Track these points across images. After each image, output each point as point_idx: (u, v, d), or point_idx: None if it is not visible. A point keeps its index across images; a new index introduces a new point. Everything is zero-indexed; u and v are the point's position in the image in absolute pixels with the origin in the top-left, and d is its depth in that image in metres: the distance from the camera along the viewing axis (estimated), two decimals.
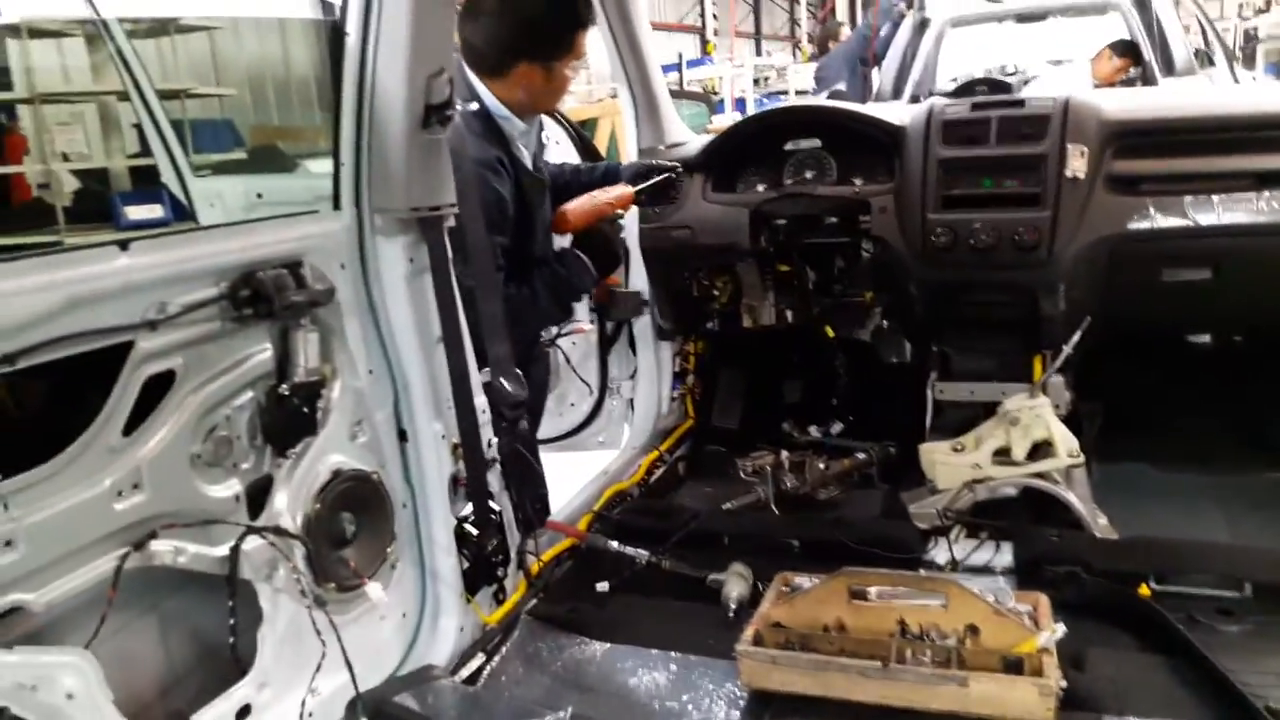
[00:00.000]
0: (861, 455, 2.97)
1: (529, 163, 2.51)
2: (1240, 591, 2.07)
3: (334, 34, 1.85)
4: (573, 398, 3.52)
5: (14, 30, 7.99)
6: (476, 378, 2.06)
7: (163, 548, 1.52)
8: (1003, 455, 2.50)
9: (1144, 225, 2.52)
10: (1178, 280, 2.59)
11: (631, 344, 3.33)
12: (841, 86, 7.46)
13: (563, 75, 2.45)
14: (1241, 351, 3.24)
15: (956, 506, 2.50)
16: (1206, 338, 3.31)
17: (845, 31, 8.63)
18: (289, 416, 1.73)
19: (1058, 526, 2.40)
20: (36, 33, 8.00)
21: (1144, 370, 3.17)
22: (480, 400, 2.07)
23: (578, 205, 2.68)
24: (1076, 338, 2.48)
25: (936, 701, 1.72)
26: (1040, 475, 2.48)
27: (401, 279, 1.92)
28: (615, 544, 2.44)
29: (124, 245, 1.46)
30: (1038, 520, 2.47)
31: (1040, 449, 2.48)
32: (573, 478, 2.91)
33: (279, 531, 1.68)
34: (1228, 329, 3.21)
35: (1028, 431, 2.47)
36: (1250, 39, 15.16)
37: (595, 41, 2.71)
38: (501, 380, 2.10)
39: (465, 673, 2.00)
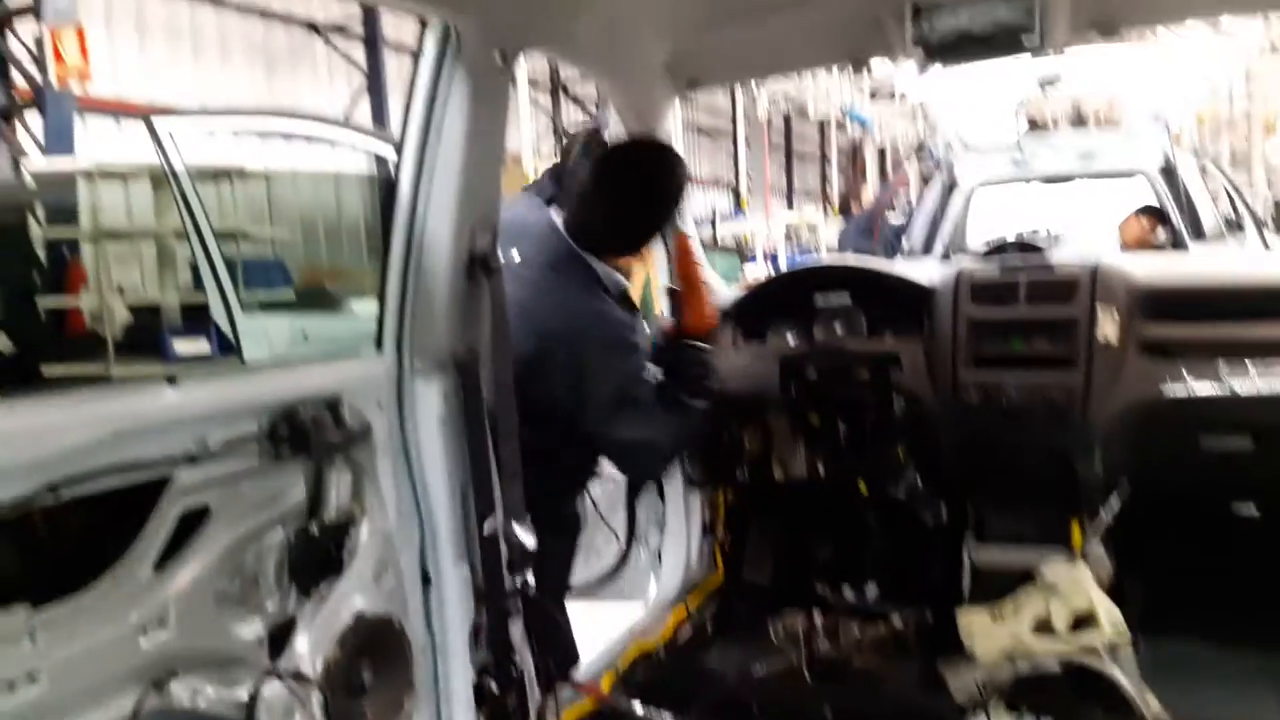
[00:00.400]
0: (897, 621, 2.88)
1: None
2: None
3: (386, 186, 1.94)
4: (598, 545, 3.48)
5: (87, 174, 8.46)
6: (501, 522, 2.05)
7: (182, 688, 1.49)
8: (1043, 625, 2.42)
9: (1179, 391, 2.49)
10: (1217, 447, 2.54)
11: (660, 492, 3.31)
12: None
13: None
14: None
15: (996, 680, 2.40)
16: (1254, 508, 3.22)
17: (867, 192, 8.94)
18: (317, 556, 1.72)
19: (1104, 706, 2.28)
20: (107, 174, 8.46)
21: (1190, 539, 3.07)
22: (504, 547, 2.04)
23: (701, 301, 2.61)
24: (1115, 504, 2.43)
25: None
26: (1084, 649, 2.38)
27: (436, 420, 1.94)
28: (639, 707, 2.35)
29: (172, 380, 1.50)
30: (1082, 698, 2.35)
31: (1082, 620, 2.39)
32: (596, 630, 2.84)
33: (299, 677, 1.64)
34: (1272, 499, 3.13)
35: (1068, 601, 2.39)
36: None
37: None
38: (514, 526, 2.07)
39: None
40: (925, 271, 2.95)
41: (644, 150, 2.49)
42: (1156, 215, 5.87)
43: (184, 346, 6.85)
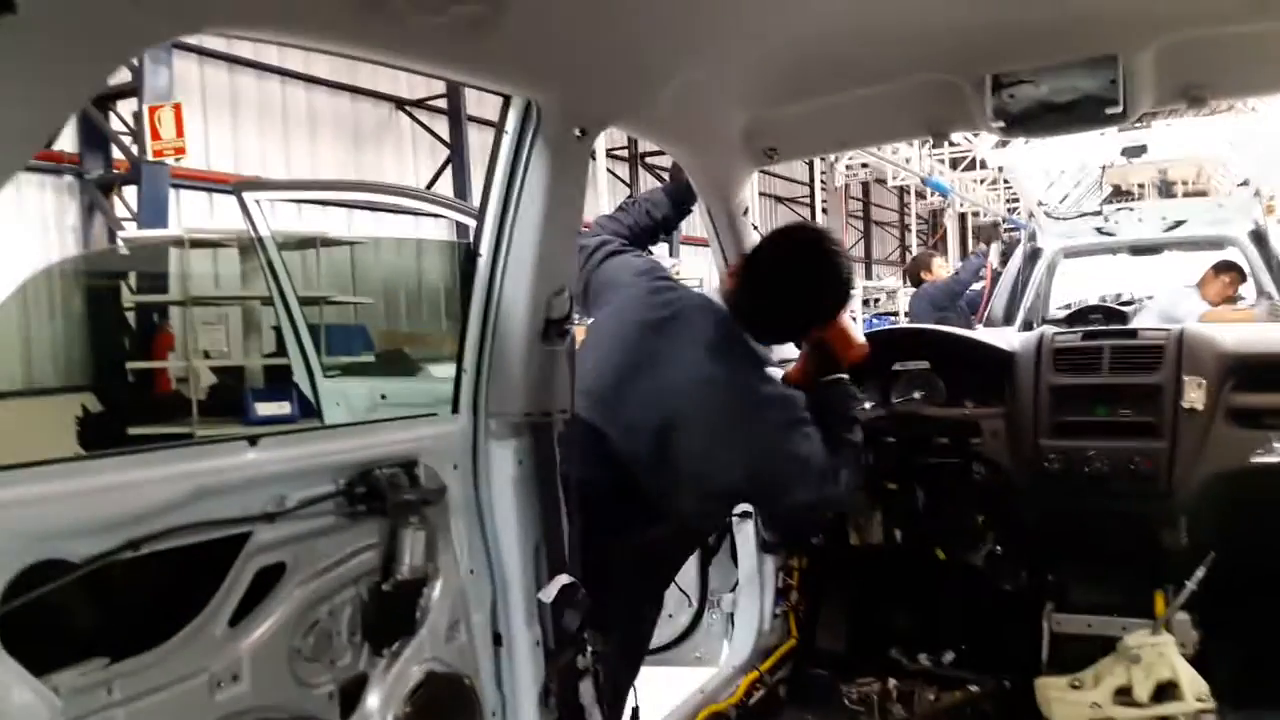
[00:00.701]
0: (974, 687, 2.80)
1: None
2: None
3: (466, 254, 2.00)
4: (671, 609, 3.45)
5: (178, 241, 8.87)
6: (573, 582, 2.05)
7: None
8: (1124, 695, 2.33)
9: (1269, 460, 2.42)
10: None
11: (733, 555, 3.28)
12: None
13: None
14: None
15: None
16: None
17: (937, 262, 8.52)
18: (390, 614, 1.74)
19: None
20: (197, 243, 8.85)
21: (1277, 610, 2.94)
22: (577, 609, 2.04)
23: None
24: (1200, 573, 2.35)
25: None
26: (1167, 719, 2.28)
27: (510, 481, 1.96)
28: None
29: (253, 440, 1.55)
30: None
31: (1166, 690, 2.30)
32: (668, 694, 2.81)
33: None
34: None
35: (1151, 670, 2.31)
36: None
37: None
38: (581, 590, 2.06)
39: None
40: (1006, 339, 2.91)
41: (814, 235, 2.41)
42: (1236, 271, 5.72)
43: (266, 408, 7.05)
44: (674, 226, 2.66)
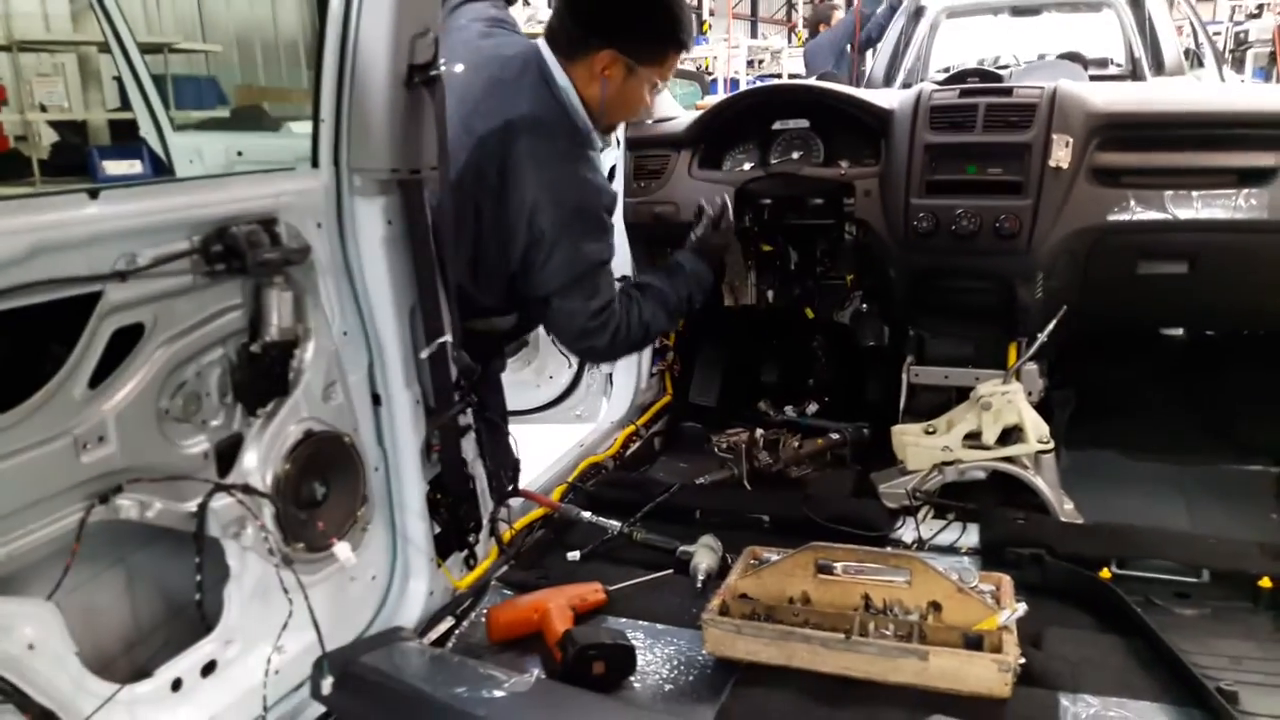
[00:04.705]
0: (835, 435, 2.99)
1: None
2: (1198, 578, 2.11)
3: None
4: (551, 370, 3.52)
5: None
6: (450, 342, 2.05)
7: (129, 502, 1.51)
8: (973, 439, 2.52)
9: (1124, 218, 2.54)
10: (1154, 273, 2.61)
11: None
12: (829, 70, 7.45)
13: (640, 90, 2.28)
14: (1213, 346, 3.28)
15: (925, 487, 2.52)
16: (1180, 332, 3.34)
17: (838, 15, 8.60)
18: (260, 375, 1.72)
19: (1024, 510, 2.43)
20: None
21: (1117, 362, 3.20)
22: (454, 367, 2.06)
23: None
24: (1051, 326, 2.50)
25: (897, 674, 1.74)
26: (1009, 460, 2.50)
27: (379, 241, 1.90)
28: (588, 514, 2.44)
29: (94, 194, 1.44)
30: (1005, 504, 2.50)
31: (1011, 434, 2.50)
32: (549, 449, 2.91)
33: (247, 490, 1.67)
34: (1201, 324, 3.24)
35: (999, 416, 2.49)
36: (1241, 43, 15.23)
37: None
38: (459, 350, 2.06)
39: (433, 635, 2.00)
40: (885, 98, 2.90)
41: None
42: (1081, 62, 5.79)
43: (114, 166, 6.56)
44: None
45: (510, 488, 2.38)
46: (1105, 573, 2.11)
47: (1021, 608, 1.82)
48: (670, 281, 2.44)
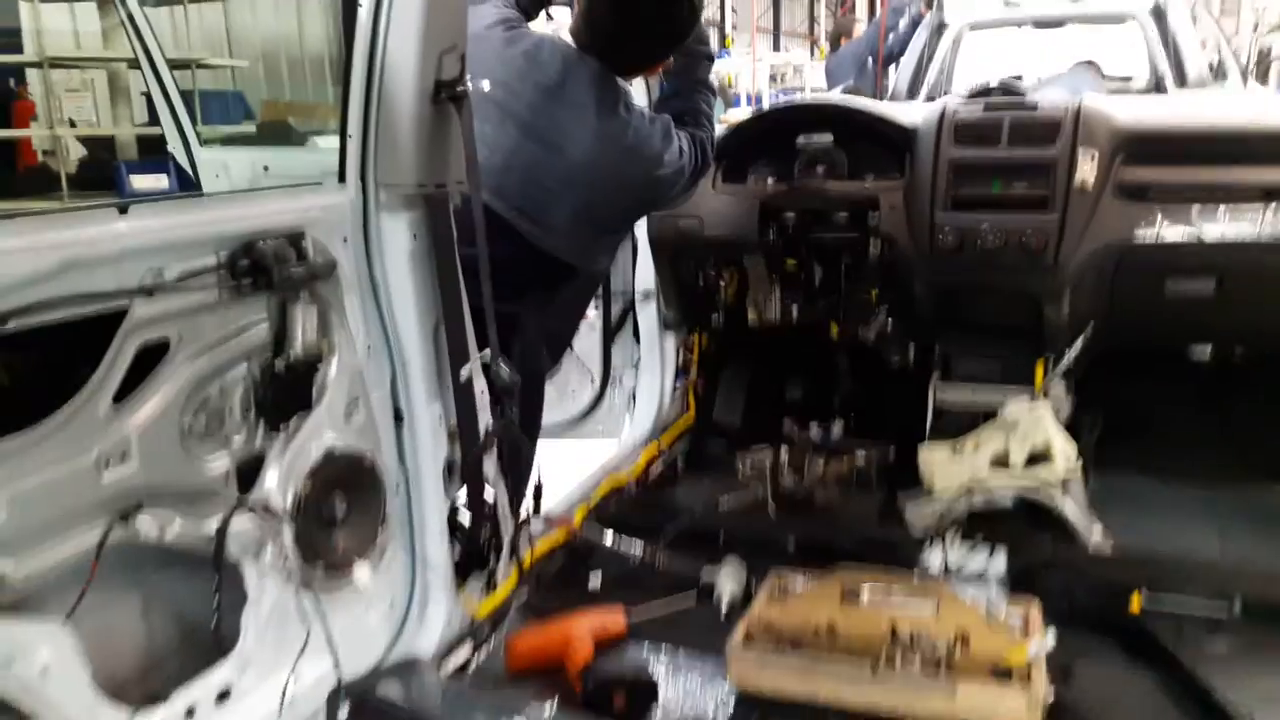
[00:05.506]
0: (860, 456, 2.95)
1: None
2: (1230, 607, 2.06)
3: (347, 6, 1.82)
4: (574, 386, 3.50)
5: None
6: (477, 360, 2.03)
7: (148, 521, 1.49)
8: (1001, 461, 2.49)
9: (1150, 234, 2.51)
10: (1181, 291, 2.58)
11: (636, 334, 3.31)
12: (850, 83, 7.43)
13: None
14: (1241, 367, 3.22)
15: (952, 512, 2.48)
16: (1207, 351, 3.29)
17: (859, 28, 8.62)
18: (284, 392, 1.70)
19: (1053, 535, 2.39)
20: None
21: (1144, 381, 3.15)
22: (480, 384, 2.04)
23: None
24: (1079, 345, 2.47)
25: (924, 707, 1.70)
26: (1037, 483, 2.46)
27: (405, 255, 1.89)
28: (609, 538, 2.42)
29: (123, 209, 1.44)
30: (1033, 528, 2.45)
31: (1039, 456, 2.46)
32: (571, 467, 2.89)
33: (268, 509, 1.65)
34: (1228, 343, 3.19)
35: (1027, 438, 2.45)
36: (1264, 56, 15.14)
37: None
38: (500, 363, 2.07)
39: (452, 664, 1.97)
40: (909, 112, 2.88)
41: None
42: (1095, 68, 5.75)
43: (141, 181, 6.63)
44: None
45: (532, 509, 2.36)
46: (1135, 600, 2.07)
47: (1050, 638, 1.78)
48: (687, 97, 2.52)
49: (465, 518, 2.08)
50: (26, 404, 1.35)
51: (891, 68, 7.65)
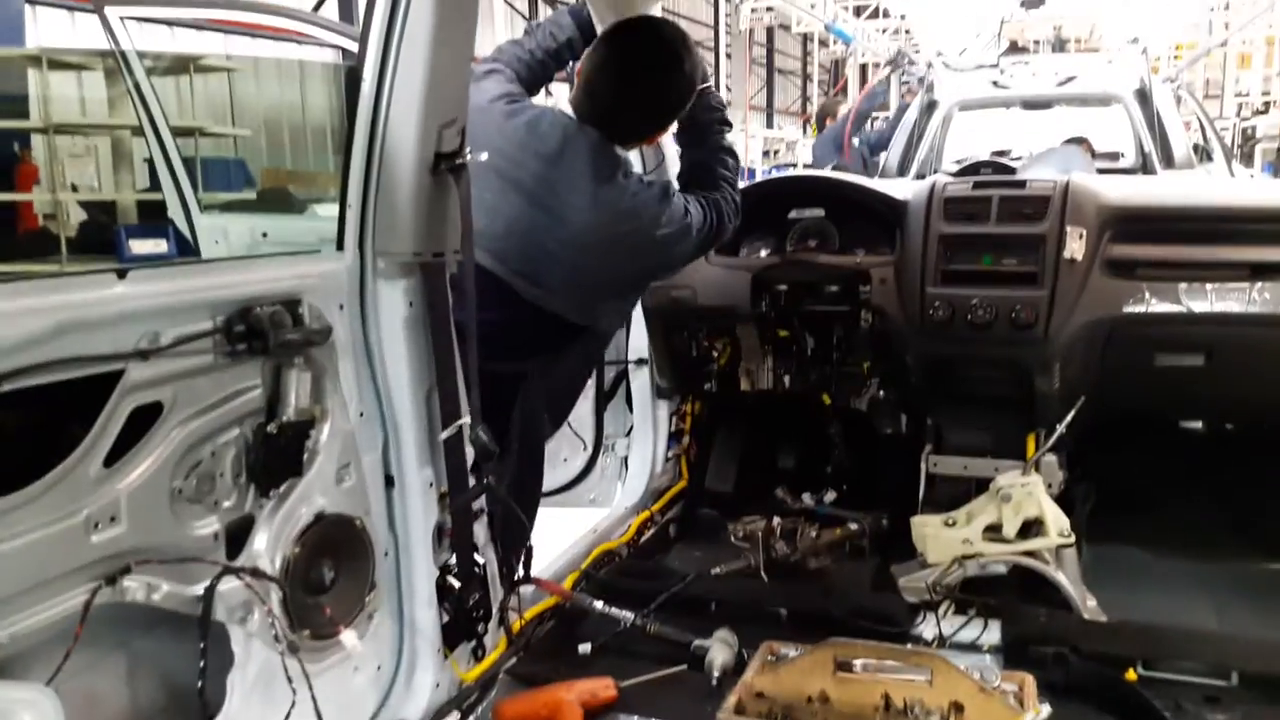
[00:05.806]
0: (853, 525, 2.95)
1: None
2: (1227, 680, 2.04)
3: (350, 78, 1.87)
4: (565, 453, 3.50)
5: (35, 60, 8.14)
6: (468, 425, 2.04)
7: (135, 584, 1.48)
8: (994, 531, 2.48)
9: (1139, 309, 2.54)
10: (1170, 365, 2.60)
11: (628, 400, 3.32)
12: (834, 165, 7.61)
13: None
14: (1233, 439, 3.24)
15: (946, 581, 2.47)
16: (1199, 424, 3.31)
17: (843, 109, 8.81)
18: (275, 456, 1.70)
19: (1047, 606, 2.38)
20: (56, 64, 8.15)
21: (1137, 453, 3.16)
22: (470, 450, 2.04)
23: None
24: (1070, 417, 2.48)
25: None
26: (1031, 554, 2.45)
27: (400, 322, 1.91)
28: (600, 604, 2.40)
29: (121, 274, 1.45)
30: (1027, 599, 2.44)
31: (1031, 527, 2.46)
32: (561, 534, 2.87)
33: (256, 573, 1.64)
34: (1219, 416, 3.21)
35: (1020, 509, 2.45)
36: (1249, 138, 15.48)
37: None
38: (479, 431, 2.05)
39: None
40: (900, 188, 2.94)
41: (650, 21, 2.44)
42: (1085, 144, 5.88)
43: (140, 245, 6.68)
44: (578, 54, 2.56)
45: (522, 575, 2.34)
46: (1131, 674, 2.05)
47: (1045, 710, 1.77)
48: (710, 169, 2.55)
49: (455, 582, 2.06)
50: (18, 464, 1.35)
51: (881, 156, 7.81)
